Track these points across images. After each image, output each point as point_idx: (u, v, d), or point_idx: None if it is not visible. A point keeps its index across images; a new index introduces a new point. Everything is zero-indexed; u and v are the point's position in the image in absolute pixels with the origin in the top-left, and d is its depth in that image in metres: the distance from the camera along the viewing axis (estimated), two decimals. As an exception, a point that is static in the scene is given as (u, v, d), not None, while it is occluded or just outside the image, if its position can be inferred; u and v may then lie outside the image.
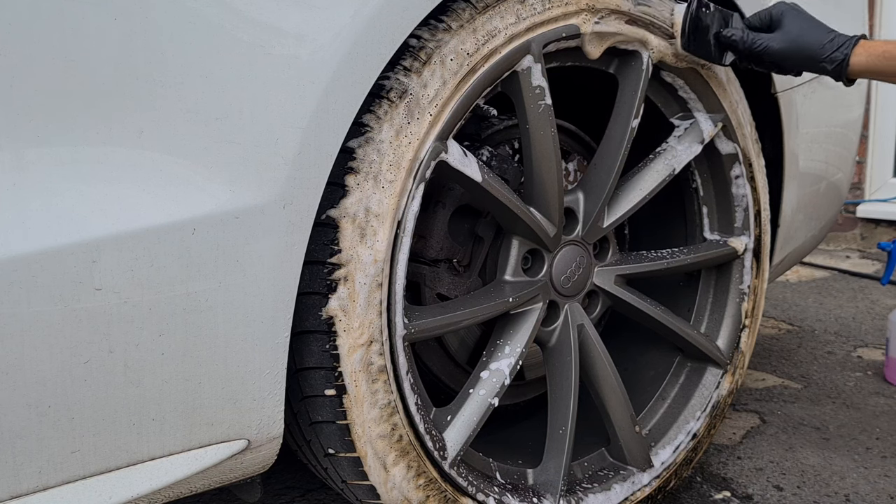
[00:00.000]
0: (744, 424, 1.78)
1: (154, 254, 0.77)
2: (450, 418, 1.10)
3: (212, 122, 0.80)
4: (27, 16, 0.72)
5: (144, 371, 0.79)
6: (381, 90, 0.93)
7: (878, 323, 2.58)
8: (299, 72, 0.84)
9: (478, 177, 1.05)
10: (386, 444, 1.00)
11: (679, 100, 1.35)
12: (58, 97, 0.73)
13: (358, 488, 1.03)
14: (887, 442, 1.68)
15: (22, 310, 0.72)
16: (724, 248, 1.42)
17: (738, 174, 1.40)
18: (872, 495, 1.45)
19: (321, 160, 0.87)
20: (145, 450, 0.82)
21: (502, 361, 1.16)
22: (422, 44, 0.96)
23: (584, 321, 1.26)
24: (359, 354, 0.95)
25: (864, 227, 3.94)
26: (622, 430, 1.30)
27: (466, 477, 1.10)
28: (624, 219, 1.29)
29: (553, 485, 1.20)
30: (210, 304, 0.81)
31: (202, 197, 0.80)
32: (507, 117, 1.29)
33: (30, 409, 0.74)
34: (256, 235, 0.83)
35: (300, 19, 0.85)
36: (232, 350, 0.84)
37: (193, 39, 0.79)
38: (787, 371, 2.14)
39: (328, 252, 0.91)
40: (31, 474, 0.76)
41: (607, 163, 1.24)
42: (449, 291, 1.24)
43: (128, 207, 0.76)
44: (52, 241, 0.73)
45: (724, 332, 1.46)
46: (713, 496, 1.46)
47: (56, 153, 0.74)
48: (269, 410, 0.89)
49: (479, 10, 1.00)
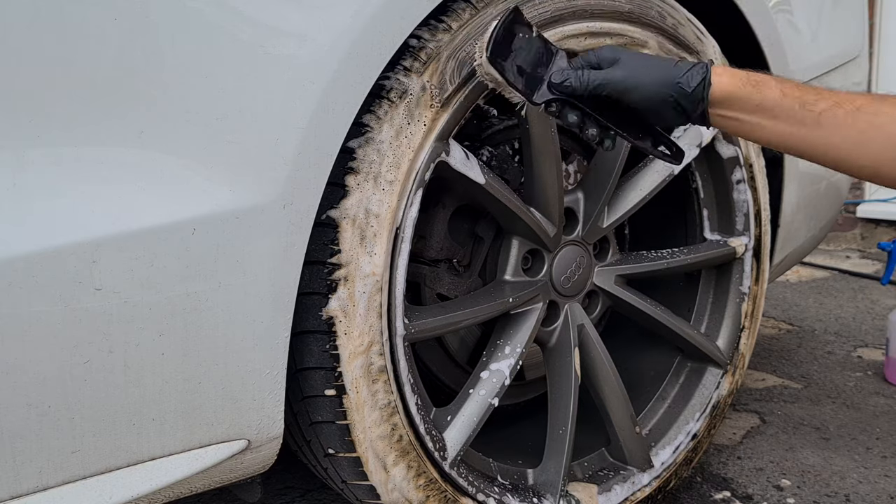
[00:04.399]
0: (744, 424, 1.78)
1: (154, 254, 0.77)
2: (450, 418, 1.10)
3: (212, 122, 0.80)
4: (27, 16, 0.72)
5: (144, 371, 0.79)
6: (381, 90, 0.93)
7: (878, 323, 2.57)
8: (299, 72, 0.84)
9: (481, 179, 1.05)
10: (386, 444, 1.00)
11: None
12: (58, 97, 0.73)
13: (358, 488, 1.03)
14: (887, 442, 1.68)
15: (22, 310, 0.72)
16: (724, 248, 1.42)
17: (739, 178, 1.40)
18: (872, 495, 1.45)
19: (321, 160, 0.87)
20: (145, 450, 0.82)
21: (502, 362, 1.16)
22: (422, 44, 0.96)
23: (584, 321, 1.26)
24: (359, 356, 0.95)
25: (864, 227, 3.94)
26: (622, 430, 1.30)
27: (466, 477, 1.10)
28: (624, 219, 1.30)
29: (553, 485, 1.20)
30: (210, 304, 0.81)
31: (202, 197, 0.80)
32: (507, 117, 1.29)
33: (30, 409, 0.74)
34: (256, 235, 0.83)
35: (300, 19, 0.85)
36: (232, 350, 0.84)
37: (193, 39, 0.79)
38: (787, 371, 2.14)
39: (328, 252, 0.91)
40: (31, 474, 0.76)
41: (607, 163, 1.24)
42: (449, 291, 1.23)
43: (128, 207, 0.76)
44: (52, 241, 0.73)
45: (724, 332, 1.46)
46: (713, 496, 1.46)
47: (56, 153, 0.74)
48: (269, 410, 0.89)
49: (478, 10, 1.00)
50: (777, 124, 0.90)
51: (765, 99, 0.90)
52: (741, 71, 0.93)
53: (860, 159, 0.88)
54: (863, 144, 0.85)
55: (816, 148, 0.90)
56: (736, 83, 0.91)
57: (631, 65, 0.94)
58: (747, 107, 0.91)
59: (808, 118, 0.88)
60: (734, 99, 0.91)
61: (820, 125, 0.87)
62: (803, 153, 0.92)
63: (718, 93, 0.92)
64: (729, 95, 0.91)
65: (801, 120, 0.88)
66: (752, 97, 0.91)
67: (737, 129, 0.95)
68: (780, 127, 0.90)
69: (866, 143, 0.85)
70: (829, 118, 0.87)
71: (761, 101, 0.90)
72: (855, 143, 0.86)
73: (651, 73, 0.93)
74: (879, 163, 0.86)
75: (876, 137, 0.85)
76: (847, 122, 0.86)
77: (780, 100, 0.89)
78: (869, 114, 0.85)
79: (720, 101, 0.92)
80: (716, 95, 0.92)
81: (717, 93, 0.92)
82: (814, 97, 0.89)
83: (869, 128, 0.85)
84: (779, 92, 0.90)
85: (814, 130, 0.88)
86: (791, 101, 0.89)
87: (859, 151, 0.86)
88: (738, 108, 0.92)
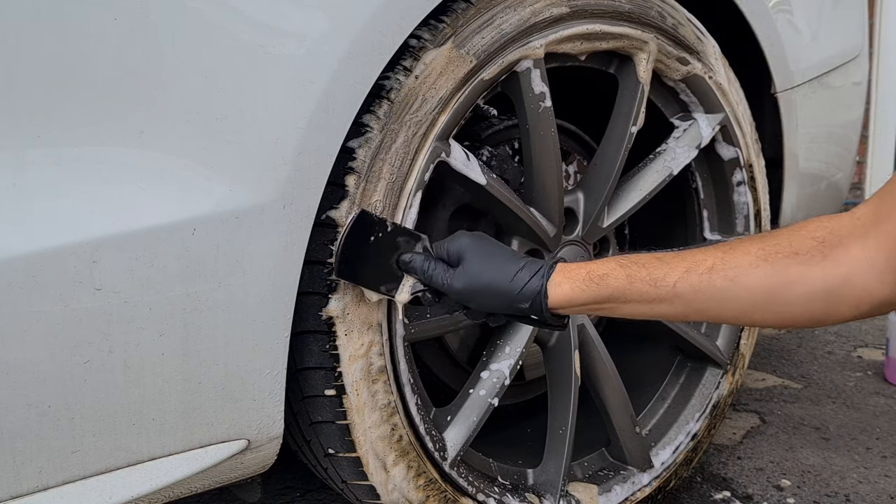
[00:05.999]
0: (744, 424, 1.78)
1: (154, 254, 0.77)
2: (450, 418, 1.10)
3: (212, 122, 0.80)
4: (28, 16, 0.72)
5: (144, 371, 0.79)
6: (381, 90, 0.93)
7: (878, 323, 2.57)
8: (299, 72, 0.84)
9: (482, 180, 1.05)
10: (386, 444, 1.00)
11: (680, 102, 1.35)
12: (58, 97, 0.73)
13: (358, 488, 1.03)
14: (887, 442, 1.68)
15: (22, 310, 0.72)
16: (724, 248, 1.42)
17: (739, 180, 1.40)
18: (872, 495, 1.45)
19: (321, 160, 0.87)
20: (145, 450, 0.82)
21: (502, 362, 1.16)
22: (422, 44, 0.96)
23: (584, 321, 1.26)
24: (359, 357, 0.95)
25: (864, 228, 3.93)
26: (622, 430, 1.30)
27: (466, 477, 1.10)
28: (624, 219, 1.29)
29: (553, 485, 1.20)
30: (210, 304, 0.81)
31: (202, 197, 0.80)
32: (507, 117, 1.29)
33: (30, 409, 0.74)
34: (256, 235, 0.83)
35: (300, 19, 0.85)
36: (232, 350, 0.84)
37: (193, 39, 0.79)
38: (787, 371, 2.14)
39: (328, 252, 0.91)
40: (31, 474, 0.76)
41: (607, 163, 1.23)
42: (449, 291, 1.23)
43: (128, 207, 0.76)
44: (52, 241, 0.73)
45: (723, 332, 1.46)
46: (713, 496, 1.46)
47: (56, 153, 0.74)
48: (269, 410, 0.89)
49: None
50: (636, 306, 0.88)
51: (613, 291, 0.88)
52: (583, 267, 0.91)
53: (728, 313, 0.86)
54: (726, 301, 0.83)
55: (686, 315, 0.88)
56: (576, 288, 0.90)
57: (471, 271, 0.93)
58: (596, 300, 0.90)
59: (664, 293, 0.85)
60: (578, 302, 0.90)
61: (678, 296, 0.85)
62: (675, 319, 0.90)
63: (558, 301, 0.91)
64: (570, 301, 0.90)
65: (658, 297, 0.86)
66: (597, 294, 0.89)
67: (598, 314, 0.94)
68: (641, 308, 0.88)
69: (729, 300, 0.82)
70: (685, 287, 0.84)
71: (610, 294, 0.89)
72: (719, 302, 0.83)
73: (488, 287, 0.92)
74: (750, 313, 0.84)
75: (737, 292, 0.82)
76: (703, 285, 0.83)
77: (629, 287, 0.87)
78: (722, 271, 0.82)
79: (564, 306, 0.91)
80: (556, 303, 0.91)
81: (557, 301, 0.91)
82: (664, 271, 0.86)
83: (727, 285, 0.82)
84: (625, 279, 0.88)
85: (674, 303, 0.85)
86: (641, 283, 0.87)
87: (725, 307, 0.84)
88: (586, 306, 0.91)
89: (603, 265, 0.90)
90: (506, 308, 0.93)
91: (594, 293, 0.89)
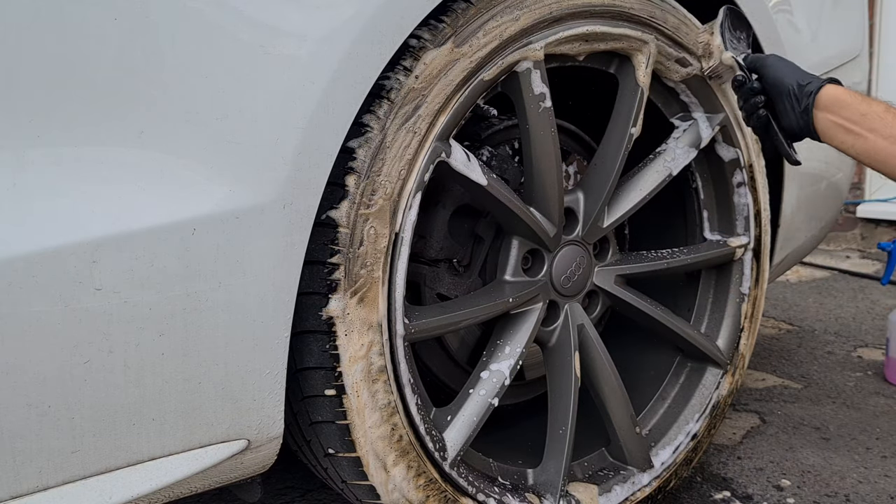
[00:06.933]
0: (744, 424, 1.78)
1: (154, 254, 0.77)
2: (450, 418, 1.10)
3: (212, 122, 0.80)
4: (28, 16, 0.72)
5: (144, 371, 0.79)
6: (382, 90, 0.93)
7: (878, 323, 2.57)
8: (299, 72, 0.84)
9: (483, 181, 1.05)
10: (386, 444, 1.00)
11: (680, 102, 1.35)
12: (58, 97, 0.73)
13: (358, 488, 1.03)
14: (887, 442, 1.68)
15: (22, 310, 0.72)
16: (724, 248, 1.42)
17: (739, 181, 1.40)
18: (872, 495, 1.45)
19: (321, 160, 0.87)
20: (145, 450, 0.82)
21: (502, 362, 1.16)
22: (422, 44, 0.96)
23: (584, 321, 1.26)
24: (359, 357, 0.95)
25: (864, 227, 3.94)
26: (622, 430, 1.30)
27: (466, 477, 1.10)
28: (624, 219, 1.29)
29: (553, 485, 1.20)
30: (210, 304, 0.81)
31: (202, 197, 0.80)
32: (507, 117, 1.29)
33: (30, 409, 0.74)
34: (256, 235, 0.83)
35: (300, 19, 0.85)
36: (232, 350, 0.84)
37: (193, 39, 0.79)
38: (787, 371, 2.14)
39: (328, 252, 0.91)
40: (31, 474, 0.76)
41: (607, 163, 1.24)
42: (449, 291, 1.24)
43: (128, 207, 0.76)
44: (52, 241, 0.73)
45: (724, 333, 1.46)
46: (713, 496, 1.46)
47: (56, 153, 0.74)
48: (269, 410, 0.89)
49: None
50: (877, 139, 1.04)
51: (871, 110, 1.05)
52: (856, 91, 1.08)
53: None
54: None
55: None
56: (845, 91, 1.07)
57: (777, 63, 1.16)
58: (853, 115, 1.05)
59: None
60: (842, 104, 1.06)
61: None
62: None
63: (826, 96, 1.08)
64: (836, 100, 1.07)
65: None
66: (858, 105, 1.05)
67: (843, 139, 1.08)
68: (880, 143, 1.04)
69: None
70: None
71: (867, 112, 1.05)
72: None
73: (787, 68, 1.14)
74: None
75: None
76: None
77: (884, 114, 1.03)
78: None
79: (828, 105, 1.07)
80: (824, 99, 1.08)
81: (825, 96, 1.08)
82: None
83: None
84: (883, 107, 1.05)
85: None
86: (893, 117, 1.02)
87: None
88: (845, 115, 1.06)
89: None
90: (788, 85, 1.12)
91: (856, 102, 1.06)
